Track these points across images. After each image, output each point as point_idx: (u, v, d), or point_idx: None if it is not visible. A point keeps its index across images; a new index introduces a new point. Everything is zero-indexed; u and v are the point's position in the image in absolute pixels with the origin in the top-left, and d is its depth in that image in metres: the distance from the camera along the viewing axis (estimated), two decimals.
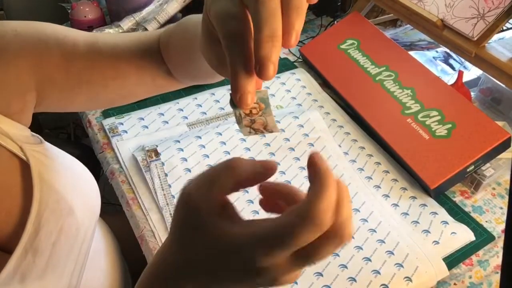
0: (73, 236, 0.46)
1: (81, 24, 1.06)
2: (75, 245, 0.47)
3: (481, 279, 0.66)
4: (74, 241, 0.47)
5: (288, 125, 0.83)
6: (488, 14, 0.80)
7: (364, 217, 0.71)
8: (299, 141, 0.82)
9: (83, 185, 0.51)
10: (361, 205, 0.73)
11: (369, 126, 0.86)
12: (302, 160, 0.79)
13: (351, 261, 0.64)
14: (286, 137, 0.82)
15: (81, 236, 0.48)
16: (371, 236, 0.68)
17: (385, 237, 0.68)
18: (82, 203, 0.49)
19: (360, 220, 0.70)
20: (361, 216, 0.71)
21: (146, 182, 0.73)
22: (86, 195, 0.51)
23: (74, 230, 0.46)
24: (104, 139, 0.83)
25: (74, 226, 0.47)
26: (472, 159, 0.73)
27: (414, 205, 0.74)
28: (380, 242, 0.67)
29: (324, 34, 1.05)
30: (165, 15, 0.98)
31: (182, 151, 0.77)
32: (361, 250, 0.66)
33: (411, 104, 0.83)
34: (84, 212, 0.49)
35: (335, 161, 0.80)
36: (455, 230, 0.70)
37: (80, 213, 0.48)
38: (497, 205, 0.77)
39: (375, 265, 0.64)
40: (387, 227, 0.69)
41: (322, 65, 0.99)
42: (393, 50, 0.93)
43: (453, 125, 0.78)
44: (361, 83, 0.91)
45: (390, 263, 0.64)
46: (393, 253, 0.66)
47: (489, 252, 0.69)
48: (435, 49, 1.12)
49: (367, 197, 0.74)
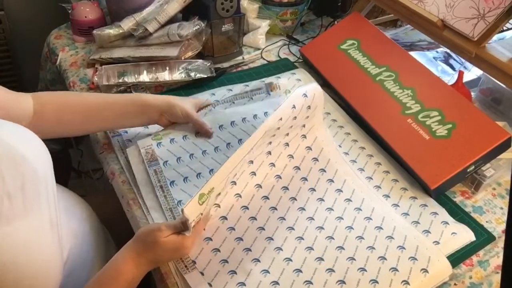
0: (34, 179, 0.54)
1: (82, 24, 1.06)
2: (41, 187, 0.55)
3: (481, 279, 0.66)
4: (38, 184, 0.54)
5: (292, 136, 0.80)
6: (488, 14, 0.80)
7: (367, 215, 0.71)
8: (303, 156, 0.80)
9: (28, 136, 0.59)
10: (361, 203, 0.73)
11: (369, 127, 0.86)
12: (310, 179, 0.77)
13: (367, 263, 0.64)
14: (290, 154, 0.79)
15: (41, 179, 0.55)
16: (379, 234, 0.68)
17: (392, 232, 0.68)
18: (31, 152, 0.56)
19: (365, 218, 0.70)
20: (364, 215, 0.71)
21: (146, 182, 0.73)
22: (33, 145, 0.58)
23: (33, 175, 0.54)
24: (104, 139, 0.83)
25: (32, 171, 0.54)
26: (473, 159, 0.73)
27: (414, 205, 0.74)
28: (389, 239, 0.67)
29: (325, 35, 1.05)
30: (165, 15, 0.98)
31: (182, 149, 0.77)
32: (374, 249, 0.66)
33: (412, 104, 0.83)
34: (36, 159, 0.56)
35: (336, 166, 0.79)
36: (456, 230, 0.70)
37: (33, 159, 0.55)
38: (498, 206, 0.77)
39: (392, 263, 0.64)
40: (391, 222, 0.70)
41: (322, 65, 0.99)
42: (393, 51, 0.94)
43: (454, 125, 0.78)
44: (361, 84, 0.91)
45: (404, 258, 0.65)
46: (404, 247, 0.66)
47: (489, 253, 0.69)
48: (436, 49, 1.12)
49: (365, 194, 0.74)
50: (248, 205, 0.72)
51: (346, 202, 0.73)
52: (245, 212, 0.71)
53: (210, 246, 0.66)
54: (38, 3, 1.42)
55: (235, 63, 1.05)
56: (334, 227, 0.69)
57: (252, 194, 0.73)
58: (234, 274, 0.62)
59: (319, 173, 0.77)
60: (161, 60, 0.97)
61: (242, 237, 0.67)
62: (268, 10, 1.13)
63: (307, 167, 0.78)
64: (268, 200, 0.73)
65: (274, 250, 0.66)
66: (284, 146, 0.79)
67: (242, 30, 1.05)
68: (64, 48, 1.07)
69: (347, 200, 0.73)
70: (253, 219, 0.70)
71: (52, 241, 0.56)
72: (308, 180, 0.76)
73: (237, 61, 1.06)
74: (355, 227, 0.69)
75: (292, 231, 0.68)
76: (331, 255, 0.65)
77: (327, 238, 0.67)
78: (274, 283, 0.62)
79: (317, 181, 0.76)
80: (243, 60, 1.07)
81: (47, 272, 0.54)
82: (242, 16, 1.02)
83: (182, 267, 0.63)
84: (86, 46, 1.08)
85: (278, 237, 0.67)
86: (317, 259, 0.65)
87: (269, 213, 0.71)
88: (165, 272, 0.63)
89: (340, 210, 0.72)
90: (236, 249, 0.66)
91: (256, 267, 0.63)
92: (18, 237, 0.50)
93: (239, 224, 0.69)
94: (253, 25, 1.11)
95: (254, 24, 1.11)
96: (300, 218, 0.70)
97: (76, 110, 0.74)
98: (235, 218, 0.70)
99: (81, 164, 1.35)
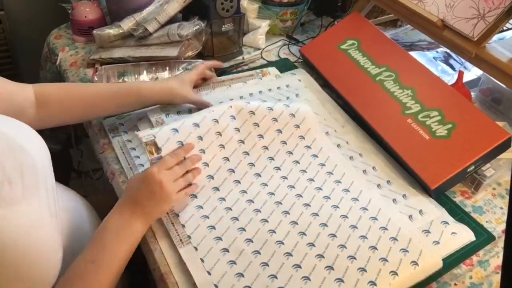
0: (33, 171, 0.56)
1: (82, 24, 1.06)
2: (39, 178, 0.57)
3: (481, 279, 0.66)
4: (37, 175, 0.56)
5: (280, 114, 0.82)
6: (488, 14, 0.80)
7: (363, 206, 0.72)
8: (291, 133, 0.82)
9: (29, 133, 0.61)
10: (358, 194, 0.74)
11: (369, 126, 0.86)
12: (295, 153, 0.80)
13: (358, 251, 0.65)
14: (278, 128, 0.81)
15: (40, 172, 0.57)
16: (373, 224, 0.69)
17: (387, 223, 0.69)
18: (31, 146, 0.58)
19: (361, 209, 0.71)
20: (360, 205, 0.72)
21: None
22: (33, 141, 0.60)
23: (32, 166, 0.56)
24: (105, 139, 0.83)
25: (31, 161, 0.56)
26: (473, 159, 0.73)
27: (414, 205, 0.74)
28: (383, 230, 0.68)
29: (325, 35, 1.05)
30: (165, 15, 0.98)
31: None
32: (366, 239, 0.66)
33: (412, 104, 0.83)
34: (36, 152, 0.58)
35: (327, 153, 0.80)
36: (456, 230, 0.70)
37: (32, 152, 0.57)
38: (498, 205, 0.77)
39: (382, 253, 0.65)
40: (387, 214, 0.70)
41: (322, 66, 0.99)
42: (393, 50, 0.94)
43: (454, 125, 0.78)
44: (361, 83, 0.91)
45: (396, 249, 0.65)
46: (396, 239, 0.66)
47: (489, 252, 0.69)
48: (436, 49, 1.12)
49: (363, 186, 0.75)
50: (241, 179, 0.75)
51: (344, 192, 0.74)
52: (237, 185, 0.74)
53: (207, 223, 0.68)
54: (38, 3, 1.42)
55: (235, 63, 1.05)
56: (329, 214, 0.70)
57: (245, 171, 0.76)
58: (226, 252, 0.64)
59: (319, 167, 0.79)
60: (161, 60, 0.97)
61: (238, 217, 0.69)
62: (268, 10, 1.13)
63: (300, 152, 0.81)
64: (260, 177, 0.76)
65: (267, 232, 0.67)
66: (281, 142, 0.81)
67: (242, 30, 1.05)
68: (64, 48, 1.07)
69: (345, 190, 0.75)
70: (244, 192, 0.73)
71: (52, 229, 0.56)
72: (307, 172, 0.78)
73: (237, 61, 1.06)
74: (349, 215, 0.70)
75: (287, 215, 0.70)
76: (323, 241, 0.66)
77: (320, 225, 0.68)
78: (263, 264, 0.63)
79: (316, 173, 0.78)
80: (243, 60, 1.07)
81: (46, 260, 0.55)
82: (242, 16, 1.02)
83: (177, 241, 0.65)
84: (86, 46, 1.08)
85: (272, 221, 0.69)
86: (308, 245, 0.65)
87: (266, 197, 0.72)
88: (164, 272, 0.63)
89: (337, 199, 0.73)
90: (231, 227, 0.67)
91: (248, 247, 0.65)
92: (18, 219, 0.52)
93: (235, 203, 0.71)
94: (253, 25, 1.11)
95: (254, 24, 1.11)
96: (297, 204, 0.71)
97: (78, 99, 0.77)
98: (227, 190, 0.73)
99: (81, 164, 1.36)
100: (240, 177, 0.75)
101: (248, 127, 0.79)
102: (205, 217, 0.69)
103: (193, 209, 0.70)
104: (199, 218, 0.68)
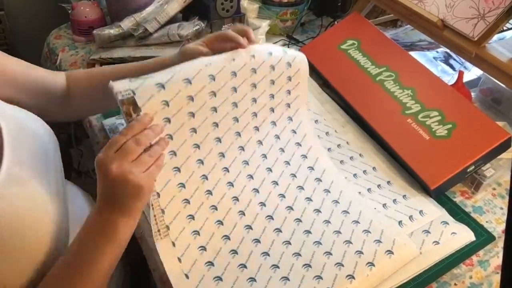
0: (44, 152, 0.59)
1: (82, 24, 1.06)
2: (48, 160, 0.59)
3: (481, 279, 0.66)
4: (46, 157, 0.59)
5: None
6: (488, 14, 0.80)
7: (335, 199, 0.71)
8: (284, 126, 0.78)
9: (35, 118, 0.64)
10: (330, 185, 0.73)
11: (369, 126, 0.86)
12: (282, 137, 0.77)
13: (334, 246, 0.65)
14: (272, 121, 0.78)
15: (49, 154, 0.60)
16: (345, 218, 0.69)
17: (358, 217, 0.69)
18: (41, 128, 0.61)
19: (333, 202, 0.71)
20: (332, 197, 0.72)
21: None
22: (45, 129, 0.63)
23: (43, 148, 0.59)
24: (105, 140, 0.83)
25: (42, 145, 0.59)
26: (473, 160, 0.73)
27: (414, 205, 0.74)
28: (355, 223, 0.68)
29: (325, 35, 1.05)
30: (165, 15, 0.98)
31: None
32: (340, 234, 0.66)
33: (412, 105, 0.83)
34: (47, 139, 0.61)
35: (309, 143, 0.79)
36: (456, 230, 0.70)
37: (45, 138, 0.61)
38: (498, 206, 0.77)
39: (357, 246, 0.65)
40: (357, 206, 0.70)
41: (322, 66, 0.99)
42: (393, 51, 0.94)
43: (454, 126, 0.78)
44: (361, 84, 0.91)
45: (369, 241, 0.65)
46: (369, 231, 0.67)
47: (489, 252, 0.69)
48: (436, 50, 1.12)
49: (335, 176, 0.75)
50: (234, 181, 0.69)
51: (316, 182, 0.74)
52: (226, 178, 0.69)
53: (187, 210, 0.63)
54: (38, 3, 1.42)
55: None
56: (303, 208, 0.69)
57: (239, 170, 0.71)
58: (204, 251, 0.62)
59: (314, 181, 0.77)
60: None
61: (216, 205, 0.66)
62: (268, 10, 1.13)
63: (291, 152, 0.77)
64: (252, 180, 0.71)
65: (244, 229, 0.66)
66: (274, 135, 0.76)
67: None
68: (64, 48, 1.07)
69: (317, 180, 0.74)
70: (230, 186, 0.69)
71: (58, 209, 0.57)
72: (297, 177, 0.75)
73: None
74: (322, 209, 0.70)
75: (264, 207, 0.68)
76: (299, 239, 0.65)
77: (295, 221, 0.68)
78: (241, 266, 0.62)
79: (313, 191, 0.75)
80: None
81: (45, 231, 0.54)
82: (242, 16, 1.02)
83: (155, 231, 0.59)
84: (86, 46, 1.08)
85: (249, 214, 0.67)
86: (285, 243, 0.65)
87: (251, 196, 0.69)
88: (165, 272, 0.63)
89: (310, 190, 0.72)
90: (209, 219, 0.65)
91: (226, 246, 0.63)
92: (25, 191, 0.53)
93: (217, 189, 0.67)
94: (253, 25, 1.11)
95: (254, 24, 1.11)
96: (273, 194, 0.70)
97: (110, 78, 0.66)
98: (215, 181, 0.67)
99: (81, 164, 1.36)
100: (224, 149, 0.68)
101: (246, 88, 0.70)
102: (186, 202, 0.63)
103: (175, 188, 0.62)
104: (180, 202, 0.63)
